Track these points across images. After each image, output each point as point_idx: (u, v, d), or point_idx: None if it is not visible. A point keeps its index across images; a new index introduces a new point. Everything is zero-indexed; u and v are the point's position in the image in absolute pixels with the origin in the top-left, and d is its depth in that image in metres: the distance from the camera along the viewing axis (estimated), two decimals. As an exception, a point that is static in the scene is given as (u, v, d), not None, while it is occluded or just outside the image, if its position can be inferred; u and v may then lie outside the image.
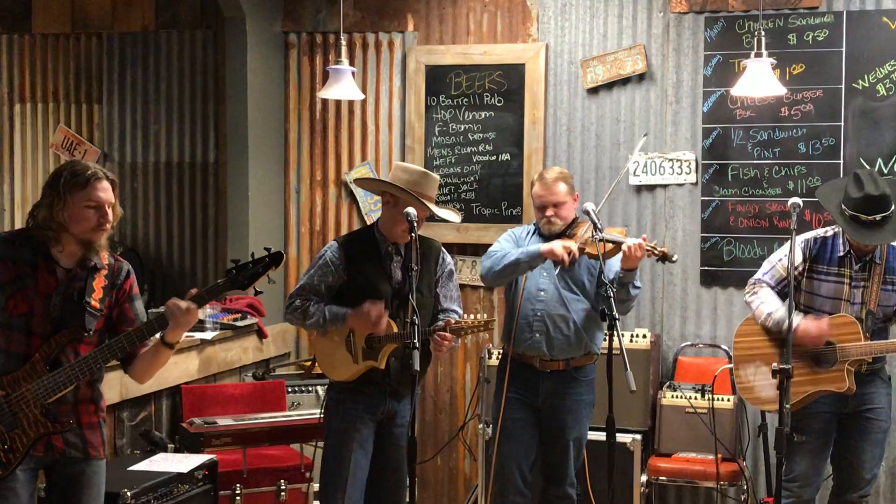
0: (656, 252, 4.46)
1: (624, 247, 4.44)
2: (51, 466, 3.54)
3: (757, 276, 4.76)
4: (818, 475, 4.68)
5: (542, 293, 4.72)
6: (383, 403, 4.36)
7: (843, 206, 4.46)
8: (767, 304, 4.63)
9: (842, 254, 4.57)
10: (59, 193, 3.43)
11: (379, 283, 4.31)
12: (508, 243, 4.83)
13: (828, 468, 4.80)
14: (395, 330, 4.25)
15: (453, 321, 4.28)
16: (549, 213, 4.73)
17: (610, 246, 4.49)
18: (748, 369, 4.73)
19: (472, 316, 4.35)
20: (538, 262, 4.62)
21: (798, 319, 4.49)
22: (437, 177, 4.49)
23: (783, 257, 4.65)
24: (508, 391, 4.78)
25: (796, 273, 4.58)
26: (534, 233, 4.88)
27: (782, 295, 4.65)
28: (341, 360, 4.35)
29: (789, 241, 4.52)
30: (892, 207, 4.40)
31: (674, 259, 4.50)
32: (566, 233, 4.73)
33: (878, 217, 4.37)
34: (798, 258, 4.58)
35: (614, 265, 4.61)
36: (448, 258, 4.55)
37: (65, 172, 3.47)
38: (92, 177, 3.44)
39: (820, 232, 4.69)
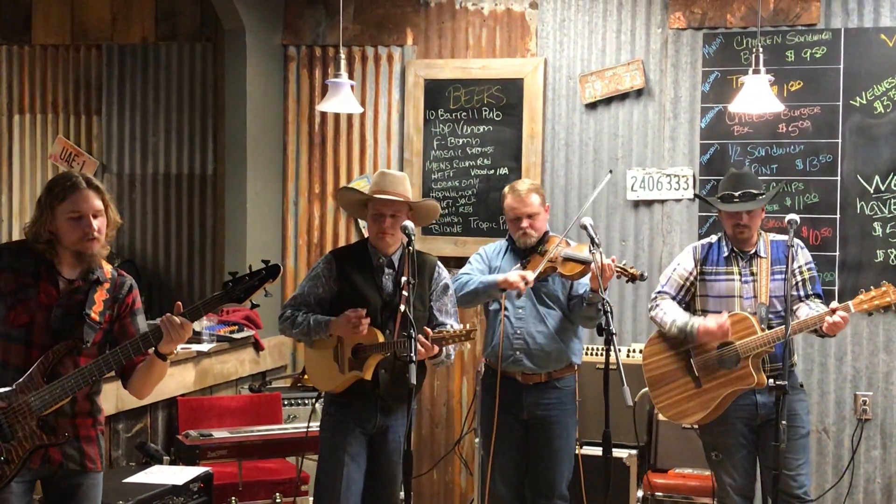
0: (626, 273, 4.53)
1: (592, 265, 4.46)
2: (48, 478, 3.53)
3: (657, 289, 4.92)
4: (744, 490, 4.70)
5: (521, 310, 4.82)
6: (374, 418, 4.35)
7: (718, 197, 4.79)
8: (669, 312, 4.76)
9: (727, 254, 4.75)
10: (43, 207, 3.44)
11: (368, 294, 4.34)
12: (479, 264, 4.94)
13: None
14: (381, 339, 4.25)
15: (433, 331, 4.27)
16: (525, 224, 4.80)
17: (581, 266, 4.58)
18: (663, 389, 4.81)
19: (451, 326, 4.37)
20: (496, 292, 4.74)
21: (696, 321, 4.64)
22: (402, 174, 4.52)
23: (676, 266, 4.87)
24: (494, 407, 4.82)
25: (691, 280, 4.81)
26: (507, 250, 4.95)
27: (681, 304, 4.84)
28: (328, 370, 4.38)
29: (682, 252, 4.92)
30: (759, 190, 4.71)
31: (644, 277, 4.60)
32: (538, 248, 4.82)
33: (742, 192, 4.67)
34: (689, 265, 4.83)
35: (585, 281, 4.68)
36: (444, 273, 4.55)
37: (48, 186, 3.47)
38: (72, 187, 3.42)
39: (706, 240, 4.90)
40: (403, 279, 4.15)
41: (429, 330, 4.25)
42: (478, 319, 6.18)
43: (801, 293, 4.68)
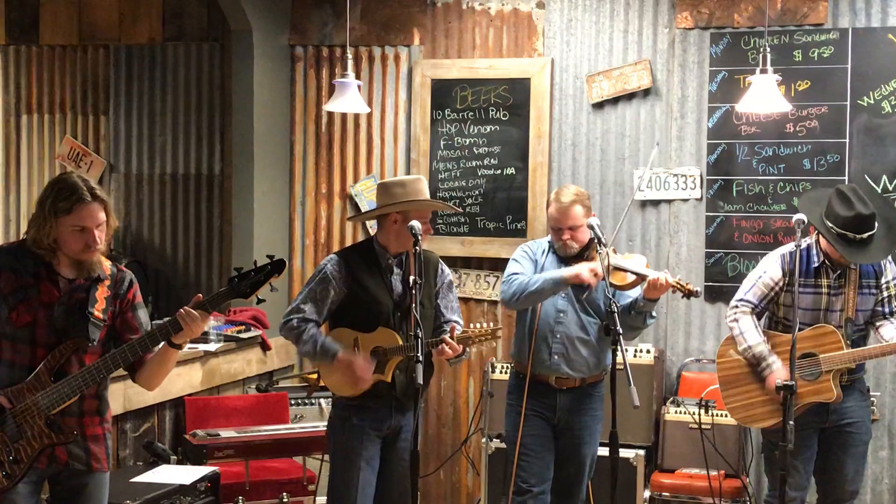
0: (682, 289, 4.45)
1: (650, 278, 4.42)
2: (54, 477, 3.54)
3: (739, 295, 4.77)
4: (803, 490, 4.70)
5: (562, 315, 4.68)
6: (389, 418, 4.32)
7: (828, 223, 4.50)
8: (747, 334, 4.66)
9: (817, 265, 4.62)
10: (47, 215, 3.41)
11: (380, 296, 4.30)
12: (527, 262, 4.77)
13: (812, 483, 4.83)
14: (400, 343, 4.24)
15: (458, 330, 4.26)
16: (566, 236, 4.67)
17: (633, 278, 4.51)
18: (735, 391, 4.75)
19: (478, 325, 4.32)
20: (562, 287, 4.59)
21: (773, 365, 4.56)
22: (419, 176, 4.52)
23: (762, 274, 4.71)
24: (524, 408, 4.76)
25: (777, 289, 4.67)
26: (549, 251, 4.81)
27: (762, 313, 4.74)
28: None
29: (768, 258, 4.71)
30: (877, 226, 4.48)
31: (698, 294, 4.48)
32: (584, 255, 4.68)
33: (865, 236, 4.45)
34: (777, 274, 4.67)
35: (631, 293, 4.61)
36: (446, 269, 4.54)
37: (52, 193, 3.43)
38: (77, 201, 3.38)
39: (792, 245, 4.65)
40: (412, 279, 4.12)
41: (455, 326, 4.24)
42: (488, 319, 6.19)
43: (887, 310, 4.65)
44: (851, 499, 4.71)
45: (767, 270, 4.70)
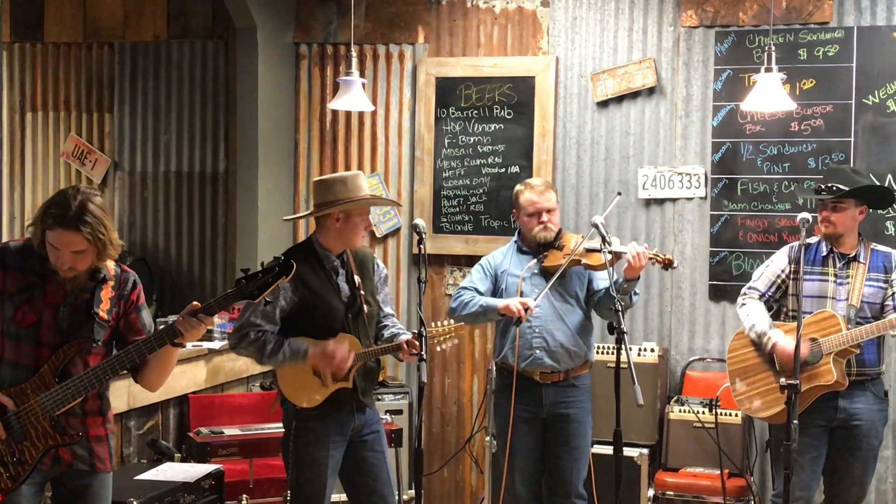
0: (659, 259, 4.55)
1: (628, 256, 4.48)
2: (57, 478, 3.53)
3: (748, 284, 4.90)
4: (808, 490, 4.69)
5: (538, 309, 4.69)
6: (351, 420, 4.23)
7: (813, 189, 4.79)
8: (751, 316, 4.77)
9: (824, 254, 4.72)
10: (38, 221, 3.38)
11: (331, 300, 4.19)
12: (482, 279, 4.87)
13: (820, 483, 4.83)
14: (362, 348, 4.17)
15: (416, 333, 4.16)
16: (545, 218, 4.77)
17: (609, 256, 4.51)
18: (743, 382, 4.79)
19: (438, 323, 4.34)
20: (495, 315, 4.71)
21: (773, 337, 4.64)
22: (356, 172, 4.45)
23: (770, 263, 4.86)
24: (510, 407, 4.78)
25: (783, 277, 4.78)
26: (511, 253, 4.88)
27: (770, 301, 4.83)
28: (310, 385, 4.17)
29: (779, 252, 4.84)
30: (850, 186, 4.64)
31: (675, 265, 4.62)
32: (555, 243, 4.78)
33: (830, 185, 4.63)
34: (783, 262, 4.80)
35: (604, 275, 4.64)
36: (381, 263, 4.49)
37: (49, 202, 3.39)
38: (56, 222, 3.32)
39: (805, 240, 4.76)
40: (357, 279, 4.17)
41: (414, 332, 4.17)
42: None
43: (893, 303, 4.66)
44: (858, 502, 4.71)
45: (774, 261, 4.85)
